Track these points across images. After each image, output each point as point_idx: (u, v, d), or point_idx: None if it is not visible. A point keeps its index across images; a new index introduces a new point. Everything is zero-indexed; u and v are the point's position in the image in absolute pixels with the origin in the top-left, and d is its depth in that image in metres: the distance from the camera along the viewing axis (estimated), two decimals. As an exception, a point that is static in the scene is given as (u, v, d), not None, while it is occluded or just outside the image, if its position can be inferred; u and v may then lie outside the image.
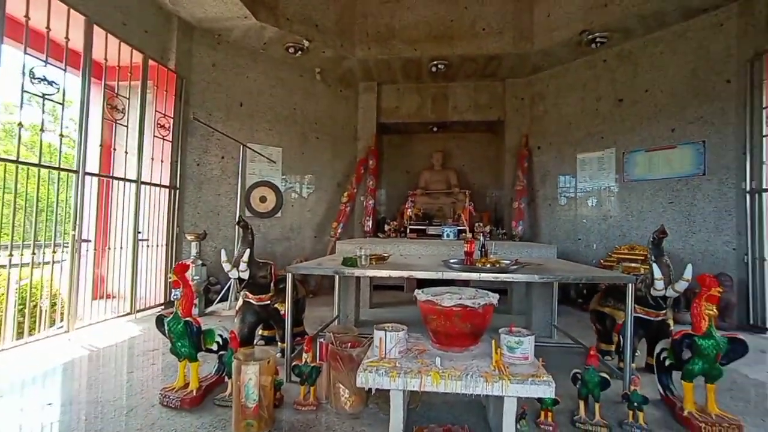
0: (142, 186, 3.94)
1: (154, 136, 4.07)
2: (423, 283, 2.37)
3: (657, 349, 2.29)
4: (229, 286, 4.31)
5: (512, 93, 5.91)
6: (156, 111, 4.08)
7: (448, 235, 4.44)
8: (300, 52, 5.05)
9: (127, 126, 3.77)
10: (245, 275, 2.59)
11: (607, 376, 1.94)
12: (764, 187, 3.67)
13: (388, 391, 1.66)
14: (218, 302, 4.43)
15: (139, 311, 3.86)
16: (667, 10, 4.06)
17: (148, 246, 4.03)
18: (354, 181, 5.83)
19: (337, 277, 3.67)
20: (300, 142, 5.62)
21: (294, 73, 5.54)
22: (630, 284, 2.24)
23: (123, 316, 3.73)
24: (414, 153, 7.04)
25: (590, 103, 5.13)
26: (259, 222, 5.24)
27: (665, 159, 4.42)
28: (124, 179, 3.78)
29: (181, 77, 4.41)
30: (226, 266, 2.56)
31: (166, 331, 2.12)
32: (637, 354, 2.73)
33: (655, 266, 2.34)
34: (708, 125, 4.08)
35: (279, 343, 2.87)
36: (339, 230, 5.55)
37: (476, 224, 5.42)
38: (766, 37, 3.68)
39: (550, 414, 1.89)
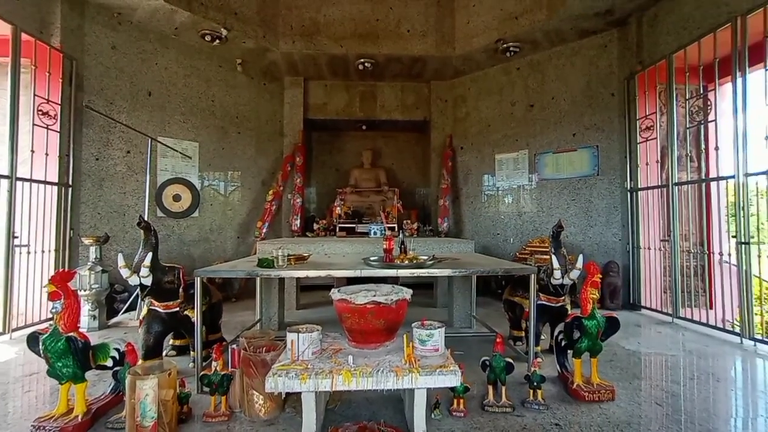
0: (19, 183, 3.36)
1: (34, 124, 3.50)
2: (354, 282, 2.35)
3: (555, 332, 2.54)
4: (138, 294, 3.90)
5: (437, 95, 6.15)
6: (36, 95, 3.50)
7: (375, 233, 4.48)
8: (218, 41, 4.71)
9: (-6, 111, 3.19)
10: (147, 281, 2.35)
11: (512, 361, 2.09)
12: (639, 186, 4.29)
13: (301, 394, 1.62)
14: (124, 312, 3.99)
15: (16, 330, 3.30)
16: (564, 29, 4.54)
17: (28, 252, 3.46)
18: (280, 178, 5.62)
19: (258, 279, 3.50)
20: (219, 136, 5.26)
21: (212, 63, 5.16)
22: (532, 275, 2.45)
23: (-6, 336, 3.16)
24: (344, 151, 7.01)
25: (506, 107, 5.53)
26: (173, 223, 4.81)
27: (569, 160, 4.93)
28: (-9, 174, 3.19)
29: (71, 58, 3.84)
30: (125, 272, 2.31)
31: (42, 351, 1.83)
32: (543, 337, 3.02)
33: (554, 258, 2.59)
34: (600, 131, 4.65)
35: (191, 353, 2.67)
36: (264, 230, 5.31)
37: (405, 221, 5.56)
38: (637, 61, 4.31)
39: (462, 401, 1.99)
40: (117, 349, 2.02)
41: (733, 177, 3.19)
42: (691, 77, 3.67)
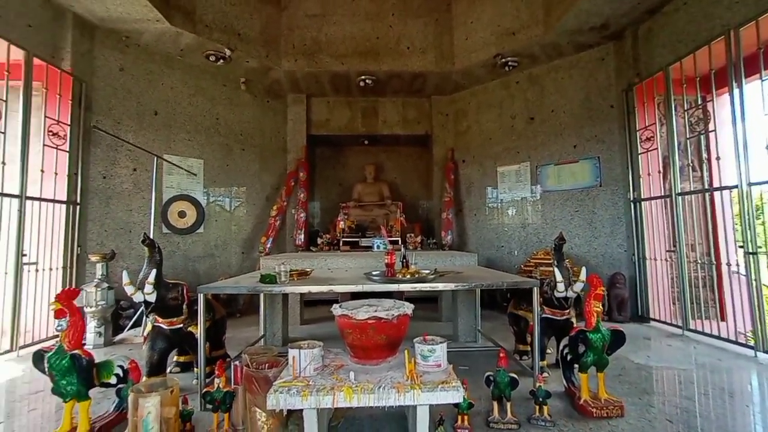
0: (29, 201, 3.43)
1: (45, 145, 3.59)
2: (358, 297, 2.34)
3: (561, 346, 2.51)
4: (143, 311, 3.92)
5: (437, 109, 6.23)
6: (46, 116, 3.61)
7: (378, 247, 4.49)
8: (222, 61, 4.84)
9: (4, 132, 3.27)
10: (151, 298, 2.36)
11: (516, 376, 2.07)
12: (643, 197, 4.27)
13: (302, 411, 1.61)
14: (130, 329, 3.99)
15: (23, 347, 3.32)
16: (561, 43, 4.61)
17: (36, 270, 3.50)
18: (284, 193, 5.67)
19: (261, 294, 3.51)
20: (224, 153, 5.34)
21: (216, 82, 5.28)
22: (535, 288, 2.43)
23: (0, 354, 3.17)
24: (347, 165, 7.08)
25: (506, 120, 5.58)
26: (179, 239, 4.85)
27: (570, 172, 4.94)
28: (2, 194, 3.24)
29: (80, 80, 3.96)
30: (129, 289, 2.32)
31: (47, 369, 1.84)
32: (549, 352, 2.97)
33: (556, 270, 2.56)
34: (601, 143, 4.66)
35: (195, 369, 2.67)
36: (268, 245, 5.33)
37: (408, 235, 5.57)
38: (634, 73, 4.35)
39: (466, 417, 1.96)
40: (121, 367, 2.03)
41: (736, 186, 3.17)
42: (689, 88, 3.70)
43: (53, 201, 3.68)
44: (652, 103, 4.09)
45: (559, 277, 2.53)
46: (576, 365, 2.30)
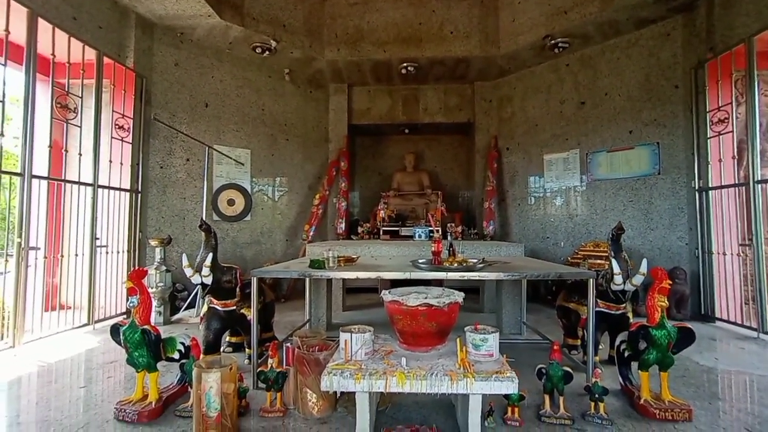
0: (100, 190, 3.74)
1: (112, 137, 3.88)
2: (397, 285, 2.36)
3: (617, 342, 2.38)
4: (196, 293, 4.17)
5: (481, 95, 6.03)
6: (114, 111, 3.89)
7: (419, 236, 4.47)
8: (267, 53, 4.96)
9: (80, 126, 3.57)
10: (208, 280, 2.50)
11: (570, 370, 1.99)
12: (710, 185, 3.90)
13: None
14: (185, 309, 4.27)
15: (98, 321, 3.66)
16: (620, 19, 4.27)
17: (107, 252, 3.82)
18: (326, 183, 5.78)
19: (307, 280, 3.61)
20: (269, 143, 5.51)
21: (262, 74, 5.43)
22: (591, 280, 2.32)
23: (79, 327, 3.52)
24: (386, 154, 7.07)
25: (554, 105, 5.30)
26: (228, 226, 5.09)
27: (625, 159, 4.63)
28: (79, 182, 3.57)
29: (141, 76, 4.23)
30: (188, 271, 2.47)
31: (122, 341, 2.01)
32: (601, 347, 2.83)
33: (614, 262, 2.42)
34: (661, 127, 4.31)
35: (247, 350, 2.81)
36: (311, 233, 5.47)
37: (448, 225, 5.49)
38: (707, 48, 3.93)
39: (516, 409, 1.92)
40: (182, 343, 2.17)
41: (828, 173, 2.82)
42: (777, 62, 3.29)
43: (119, 189, 3.98)
44: (728, 80, 3.67)
45: (617, 269, 2.39)
46: (634, 362, 2.17)
